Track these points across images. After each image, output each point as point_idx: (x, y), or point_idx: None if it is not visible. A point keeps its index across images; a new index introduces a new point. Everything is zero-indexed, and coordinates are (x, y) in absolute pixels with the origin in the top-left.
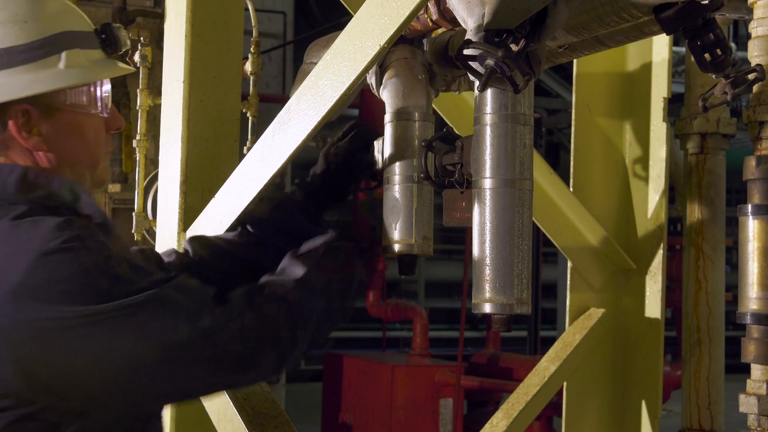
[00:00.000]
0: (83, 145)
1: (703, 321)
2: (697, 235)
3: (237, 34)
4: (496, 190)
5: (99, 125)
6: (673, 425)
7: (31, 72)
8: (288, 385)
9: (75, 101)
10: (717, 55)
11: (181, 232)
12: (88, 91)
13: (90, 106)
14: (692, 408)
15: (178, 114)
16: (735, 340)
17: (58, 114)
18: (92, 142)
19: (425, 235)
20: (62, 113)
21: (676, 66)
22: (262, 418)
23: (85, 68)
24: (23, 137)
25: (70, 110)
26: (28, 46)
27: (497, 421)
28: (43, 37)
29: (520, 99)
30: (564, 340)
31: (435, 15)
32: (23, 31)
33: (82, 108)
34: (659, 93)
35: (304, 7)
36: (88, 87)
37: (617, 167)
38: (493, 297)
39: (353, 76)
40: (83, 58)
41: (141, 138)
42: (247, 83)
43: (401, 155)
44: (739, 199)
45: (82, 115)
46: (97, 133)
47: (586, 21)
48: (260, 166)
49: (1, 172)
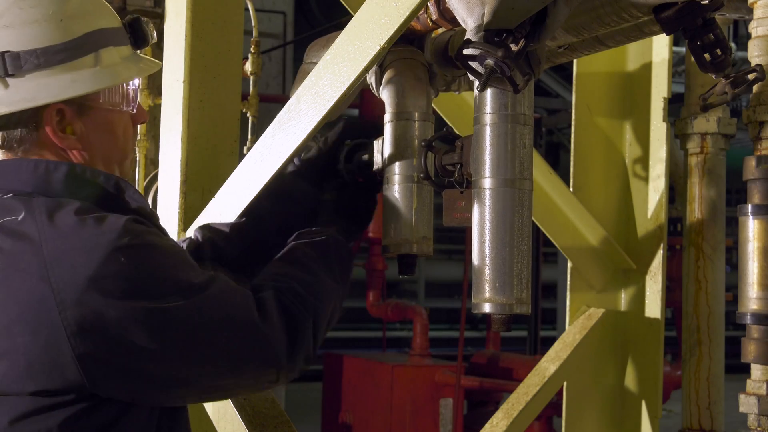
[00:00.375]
0: (114, 141)
1: (703, 321)
2: (697, 235)
3: (237, 34)
4: (496, 190)
5: (128, 121)
6: (673, 425)
7: (68, 72)
8: (288, 385)
9: (109, 100)
10: (717, 55)
11: (181, 231)
12: (121, 88)
13: (122, 104)
14: (692, 408)
15: (178, 114)
16: (735, 340)
17: (92, 112)
18: (122, 138)
19: (425, 235)
20: (95, 111)
21: (676, 66)
22: (261, 417)
23: (120, 67)
24: (58, 137)
25: (103, 108)
26: (66, 45)
27: (497, 421)
28: (79, 35)
29: (520, 99)
30: (564, 340)
31: (435, 15)
32: (59, 30)
33: (115, 106)
34: (659, 93)
35: (304, 7)
36: (120, 85)
37: (617, 167)
38: (492, 297)
39: (353, 76)
40: (116, 56)
41: (141, 138)
42: (247, 83)
43: (401, 155)
44: (739, 199)
45: (114, 113)
46: (126, 128)
47: (586, 21)
48: (260, 166)
49: (47, 168)
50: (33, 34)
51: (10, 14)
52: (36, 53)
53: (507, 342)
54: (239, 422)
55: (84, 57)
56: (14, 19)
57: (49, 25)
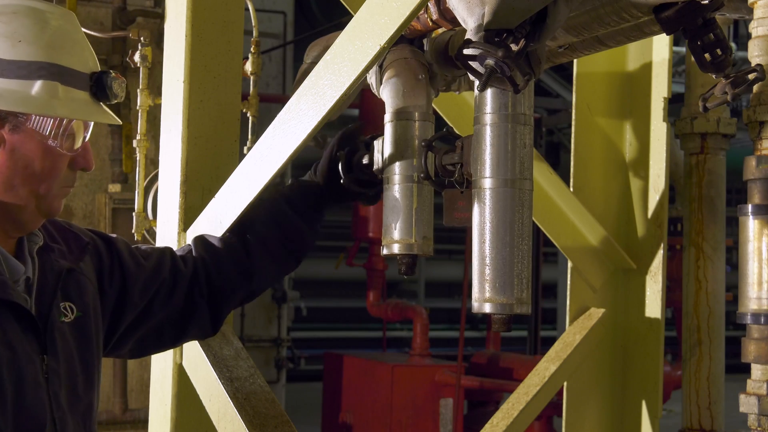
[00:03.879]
0: (25, 170)
1: (703, 321)
2: (698, 235)
3: (237, 34)
4: (496, 189)
5: (60, 159)
6: (673, 425)
7: (2, 86)
8: (288, 385)
9: (37, 128)
10: (717, 55)
11: (181, 232)
12: (55, 123)
13: (50, 138)
14: (692, 408)
15: (179, 114)
16: (735, 340)
17: (20, 134)
18: (44, 171)
19: (425, 234)
20: (24, 134)
21: (677, 66)
22: (262, 418)
23: (56, 102)
24: None
25: (29, 134)
26: (12, 62)
27: (497, 421)
28: (28, 60)
29: (520, 99)
30: (564, 340)
31: (435, 15)
32: (14, 48)
33: (41, 137)
34: (659, 93)
35: (304, 7)
36: (56, 120)
37: (617, 167)
38: (493, 297)
39: (353, 76)
40: (61, 93)
41: (141, 138)
42: (247, 83)
43: (401, 155)
44: (740, 199)
45: (40, 144)
46: (54, 164)
47: (586, 21)
48: (260, 166)
49: None
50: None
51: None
52: None
53: (507, 342)
54: (239, 422)
55: (25, 80)
56: None
57: (7, 40)
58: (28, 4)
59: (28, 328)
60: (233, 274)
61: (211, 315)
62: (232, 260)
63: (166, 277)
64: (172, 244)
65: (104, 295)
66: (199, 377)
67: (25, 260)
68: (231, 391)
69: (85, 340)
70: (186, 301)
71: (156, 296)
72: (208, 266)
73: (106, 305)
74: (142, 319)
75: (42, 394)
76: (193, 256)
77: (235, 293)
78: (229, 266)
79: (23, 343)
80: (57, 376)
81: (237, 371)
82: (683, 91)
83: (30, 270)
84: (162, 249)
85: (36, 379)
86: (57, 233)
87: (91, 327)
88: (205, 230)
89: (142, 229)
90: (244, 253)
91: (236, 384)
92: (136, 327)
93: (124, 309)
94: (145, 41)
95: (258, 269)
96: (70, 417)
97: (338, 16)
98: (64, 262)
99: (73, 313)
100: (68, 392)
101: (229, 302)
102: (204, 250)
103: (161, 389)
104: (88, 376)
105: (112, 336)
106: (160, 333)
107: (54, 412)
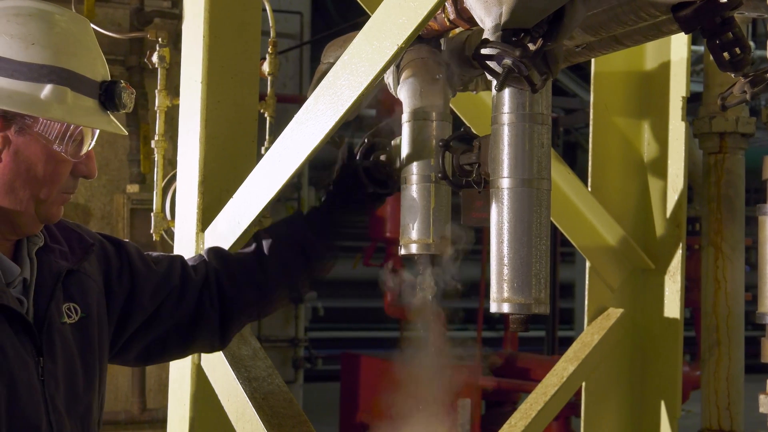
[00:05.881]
0: (28, 174)
1: (722, 321)
2: (716, 235)
3: (254, 35)
4: (514, 189)
5: (63, 165)
6: (691, 426)
7: (11, 87)
8: (305, 385)
9: (42, 132)
10: (736, 54)
11: (199, 232)
12: (61, 128)
13: (55, 143)
14: (711, 408)
15: (196, 114)
16: (754, 341)
17: (25, 136)
18: (45, 176)
19: (443, 234)
20: (29, 137)
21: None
22: (280, 417)
23: (62, 108)
24: None
25: (34, 138)
26: (24, 64)
27: (515, 421)
28: (40, 63)
29: (537, 98)
30: (582, 340)
31: (452, 15)
32: (25, 50)
33: (47, 141)
34: (677, 92)
35: (321, 8)
36: (62, 125)
37: (635, 166)
38: (510, 297)
39: (371, 77)
40: (70, 99)
41: (159, 138)
42: (265, 83)
43: (418, 155)
44: (758, 198)
45: (44, 148)
46: (56, 170)
47: (604, 20)
48: (278, 166)
49: None
50: (3, 43)
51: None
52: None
53: (524, 342)
54: (258, 422)
55: (35, 83)
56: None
57: (20, 42)
58: (43, 8)
59: (21, 331)
60: (246, 287)
61: (220, 326)
62: (245, 273)
63: (176, 283)
64: (190, 244)
65: (112, 297)
66: (218, 377)
67: (22, 261)
68: (249, 391)
69: (87, 342)
70: (195, 310)
71: (165, 302)
72: (221, 277)
73: (113, 308)
74: (150, 325)
75: (37, 397)
76: (205, 265)
77: (246, 307)
78: (242, 278)
79: (16, 346)
80: (54, 379)
81: (255, 371)
82: (701, 90)
83: (27, 271)
84: (172, 256)
85: (30, 381)
86: (60, 234)
87: (95, 328)
88: (223, 230)
89: (161, 229)
90: (261, 270)
91: (254, 384)
92: (143, 332)
93: (132, 312)
94: (163, 42)
95: (273, 287)
96: (67, 419)
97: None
98: (64, 263)
99: (78, 314)
100: (67, 394)
101: (240, 314)
102: (217, 261)
103: (180, 389)
104: (90, 377)
105: (118, 340)
106: (166, 340)
107: (50, 415)
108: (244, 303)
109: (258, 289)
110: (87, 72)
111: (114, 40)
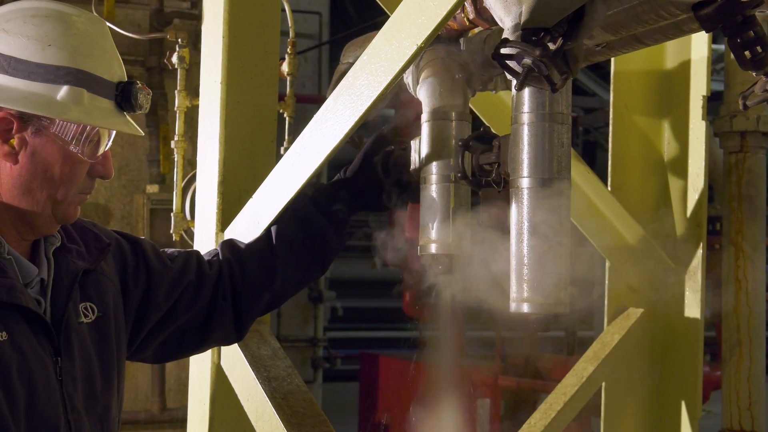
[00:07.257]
0: (45, 174)
1: (743, 321)
2: (737, 234)
3: (274, 35)
4: (534, 189)
5: (79, 165)
6: (712, 426)
7: (28, 88)
8: (324, 385)
9: (59, 133)
10: (757, 53)
11: (219, 232)
12: (78, 129)
13: (72, 144)
14: (732, 409)
15: (216, 115)
16: None
17: (42, 137)
18: (62, 176)
19: (463, 234)
20: (45, 138)
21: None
22: (299, 417)
23: (79, 109)
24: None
25: (51, 139)
26: (41, 66)
27: (535, 421)
28: (56, 65)
29: (557, 98)
30: (602, 340)
31: (472, 14)
32: (42, 51)
33: (63, 142)
34: (698, 91)
35: (339, 8)
36: (79, 126)
37: (655, 166)
38: (531, 297)
39: (390, 76)
40: (86, 100)
41: (179, 139)
42: (284, 84)
43: (438, 155)
44: None
45: (61, 149)
46: (73, 170)
47: (624, 19)
48: (297, 166)
49: None
50: (20, 44)
51: (14, 22)
52: (11, 60)
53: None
54: (278, 422)
55: (51, 84)
56: (13, 27)
57: (37, 43)
58: (60, 9)
59: (40, 331)
60: (257, 273)
61: (234, 318)
62: (256, 258)
63: (192, 279)
64: (209, 244)
65: (128, 296)
66: (237, 377)
67: (40, 262)
68: (269, 391)
69: (105, 341)
70: (210, 304)
71: (181, 298)
72: (233, 267)
73: (130, 306)
74: (167, 322)
75: (55, 397)
76: (219, 258)
77: (259, 295)
78: (253, 265)
79: (35, 347)
80: (72, 378)
81: (274, 371)
82: (722, 89)
83: (45, 272)
84: (188, 252)
85: (49, 381)
86: (76, 234)
87: (112, 327)
88: (242, 230)
89: (180, 229)
90: (269, 251)
91: (274, 384)
92: (160, 329)
93: (148, 310)
94: (182, 43)
95: (282, 268)
96: (86, 419)
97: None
98: (81, 263)
99: (95, 313)
100: (85, 394)
101: (253, 305)
102: (229, 251)
103: (200, 389)
104: (108, 377)
105: (136, 338)
106: (183, 336)
107: (69, 414)
108: (256, 291)
109: (268, 273)
110: (103, 73)
111: (134, 41)
